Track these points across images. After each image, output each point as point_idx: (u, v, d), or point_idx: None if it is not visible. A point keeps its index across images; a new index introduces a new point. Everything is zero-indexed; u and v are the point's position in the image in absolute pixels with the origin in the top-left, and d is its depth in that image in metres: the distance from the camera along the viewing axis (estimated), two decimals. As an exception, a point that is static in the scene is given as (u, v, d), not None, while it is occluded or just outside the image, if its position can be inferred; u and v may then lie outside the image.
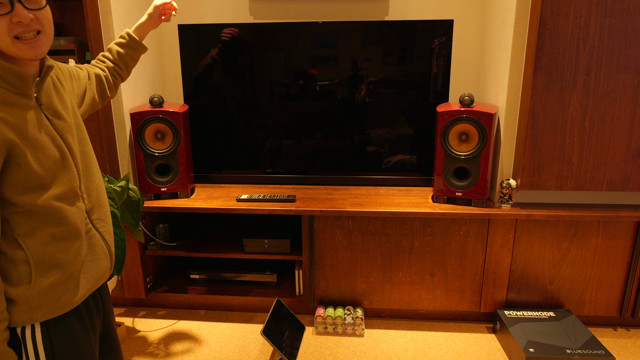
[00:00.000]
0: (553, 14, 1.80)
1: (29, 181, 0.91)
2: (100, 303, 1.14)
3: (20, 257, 0.93)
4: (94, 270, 1.07)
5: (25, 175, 0.91)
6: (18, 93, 0.92)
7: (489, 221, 2.02)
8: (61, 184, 0.97)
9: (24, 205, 0.92)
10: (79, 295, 1.02)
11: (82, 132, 1.08)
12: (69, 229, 0.99)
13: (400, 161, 2.42)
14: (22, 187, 0.91)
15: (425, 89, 2.31)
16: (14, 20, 0.88)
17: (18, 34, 0.89)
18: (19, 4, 0.88)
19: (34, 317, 0.95)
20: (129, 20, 2.16)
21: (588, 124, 1.90)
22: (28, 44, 0.90)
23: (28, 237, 0.94)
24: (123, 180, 1.79)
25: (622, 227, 1.99)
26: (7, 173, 0.89)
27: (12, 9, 0.87)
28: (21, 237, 0.93)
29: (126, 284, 2.28)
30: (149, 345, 2.05)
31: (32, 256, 0.94)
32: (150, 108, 2.11)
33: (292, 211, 2.06)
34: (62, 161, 0.98)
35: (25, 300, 0.94)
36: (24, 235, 0.93)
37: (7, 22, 0.87)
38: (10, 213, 0.92)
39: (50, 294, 0.97)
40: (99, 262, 1.08)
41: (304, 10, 2.44)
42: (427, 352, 1.99)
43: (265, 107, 2.40)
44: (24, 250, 0.93)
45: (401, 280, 2.14)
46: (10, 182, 0.90)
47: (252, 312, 2.33)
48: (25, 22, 0.89)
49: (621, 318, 2.15)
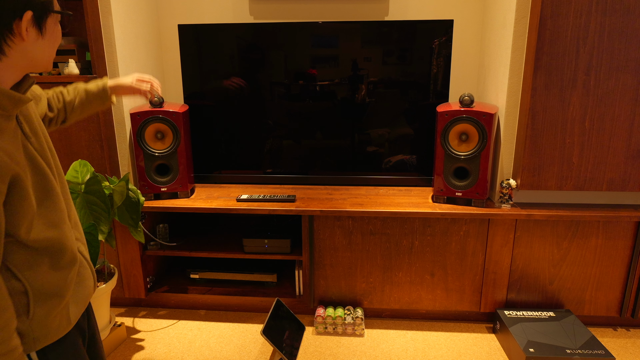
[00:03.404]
0: (553, 14, 1.80)
1: (27, 211, 0.85)
2: (85, 313, 1.11)
3: (17, 289, 0.86)
4: (83, 292, 1.02)
5: (25, 206, 0.84)
6: (4, 115, 0.82)
7: (489, 221, 2.02)
8: (50, 212, 0.90)
9: (20, 237, 0.85)
10: (74, 317, 0.99)
11: (52, 150, 0.97)
12: (68, 256, 0.94)
13: (400, 161, 2.42)
14: (21, 221, 0.85)
15: (425, 89, 2.31)
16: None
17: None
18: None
19: (35, 347, 0.90)
20: (129, 20, 2.16)
21: (588, 124, 1.90)
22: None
23: (26, 268, 0.87)
24: (123, 181, 1.79)
25: (622, 227, 1.99)
26: (8, 205, 0.83)
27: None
28: (17, 267, 0.86)
29: (126, 284, 2.28)
30: (149, 345, 2.05)
31: (31, 286, 0.88)
32: (150, 108, 2.11)
33: (292, 211, 2.06)
34: (46, 183, 0.90)
35: (27, 333, 0.88)
36: (20, 265, 0.87)
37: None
38: (6, 243, 0.85)
39: (51, 324, 0.92)
40: (86, 283, 1.04)
41: (304, 10, 2.44)
42: (427, 352, 1.99)
43: (265, 107, 2.40)
44: (20, 281, 0.87)
45: (401, 280, 2.14)
46: (11, 213, 0.83)
47: (252, 312, 2.33)
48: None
49: (621, 318, 2.15)
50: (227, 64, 2.35)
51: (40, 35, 0.86)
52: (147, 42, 2.37)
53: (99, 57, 2.01)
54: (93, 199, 1.67)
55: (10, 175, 0.80)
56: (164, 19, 2.51)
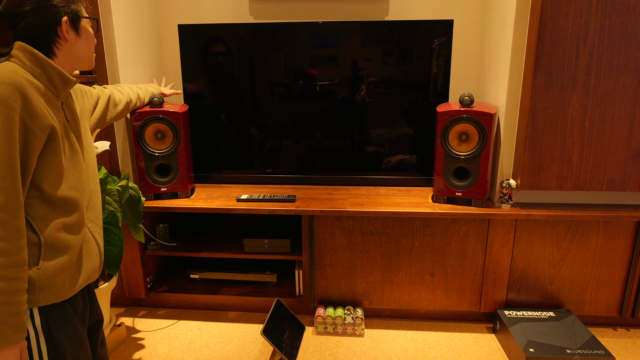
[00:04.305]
0: (553, 14, 1.80)
1: (56, 169, 1.02)
2: (88, 299, 1.21)
3: (32, 240, 1.00)
4: (88, 264, 1.14)
5: (55, 163, 1.02)
6: (54, 94, 1.05)
7: (489, 221, 2.02)
8: (74, 177, 1.09)
9: (45, 191, 1.01)
10: (77, 285, 1.10)
11: (89, 139, 1.21)
12: (79, 218, 1.09)
13: (400, 161, 2.42)
14: (50, 174, 1.01)
15: (425, 89, 2.31)
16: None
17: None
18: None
19: (37, 300, 1.00)
20: (129, 20, 2.16)
21: (588, 124, 1.90)
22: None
23: (42, 221, 1.01)
24: (124, 180, 1.79)
25: (622, 227, 1.99)
26: (42, 158, 1.00)
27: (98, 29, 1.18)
28: (36, 220, 1.00)
29: (126, 284, 2.28)
30: (149, 345, 2.05)
31: (45, 240, 1.01)
32: (150, 108, 2.11)
33: (292, 211, 2.06)
34: (75, 157, 1.10)
35: (32, 281, 0.99)
36: (38, 219, 1.01)
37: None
38: (30, 197, 0.99)
39: (56, 278, 1.03)
40: (92, 258, 1.16)
41: (304, 10, 2.44)
42: (427, 352, 1.99)
43: (265, 107, 2.40)
44: (37, 233, 1.00)
45: (401, 280, 2.14)
46: (43, 167, 1.00)
47: (252, 312, 2.33)
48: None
49: (621, 318, 2.15)
50: (227, 64, 2.35)
51: (78, 36, 1.10)
52: (147, 42, 2.37)
53: (99, 57, 2.01)
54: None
55: (50, 127, 0.99)
56: (164, 19, 2.51)
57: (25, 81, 0.97)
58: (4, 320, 0.91)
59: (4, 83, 0.93)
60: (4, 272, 0.91)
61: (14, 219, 0.93)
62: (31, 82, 0.99)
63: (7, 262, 0.91)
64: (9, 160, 0.92)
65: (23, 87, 0.95)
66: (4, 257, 0.91)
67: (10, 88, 0.93)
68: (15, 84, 0.94)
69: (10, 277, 0.92)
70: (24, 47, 1.01)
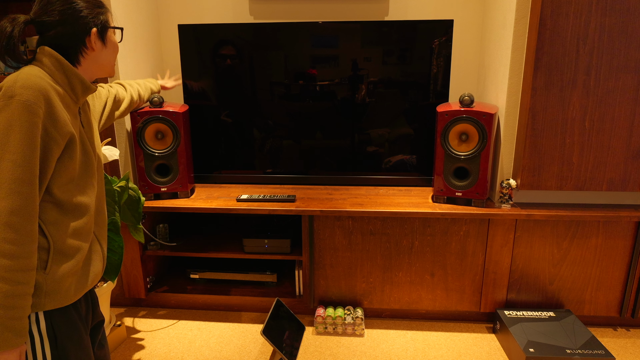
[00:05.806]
0: (553, 14, 1.80)
1: (69, 174, 1.03)
2: (90, 301, 1.21)
3: (41, 244, 1.00)
4: (93, 269, 1.15)
5: (70, 169, 1.03)
6: (74, 100, 1.07)
7: (489, 221, 2.02)
8: (85, 182, 1.10)
9: (57, 196, 1.01)
10: (83, 289, 1.10)
11: (98, 142, 1.22)
12: (87, 223, 1.09)
13: (400, 161, 2.42)
14: (63, 179, 1.02)
15: (425, 89, 2.31)
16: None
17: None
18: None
19: (43, 304, 1.00)
20: (129, 20, 2.16)
21: (588, 124, 1.90)
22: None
23: (53, 226, 1.01)
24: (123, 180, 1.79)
25: (622, 227, 1.99)
26: (59, 163, 1.00)
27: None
28: (47, 225, 1.01)
29: (126, 284, 2.28)
30: (149, 345, 2.05)
31: (54, 244, 1.01)
32: (150, 108, 2.11)
33: (292, 211, 2.06)
34: (88, 162, 1.10)
35: (39, 285, 0.99)
36: (49, 224, 1.01)
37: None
38: (42, 201, 0.99)
39: (62, 283, 1.03)
40: (97, 263, 1.16)
41: (304, 10, 2.44)
42: (427, 352, 1.99)
43: (265, 107, 2.40)
44: (46, 237, 1.00)
45: (401, 280, 2.14)
46: (57, 172, 1.00)
47: (252, 312, 2.33)
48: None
49: (621, 318, 2.15)
50: (227, 64, 2.35)
51: (104, 46, 1.12)
52: (147, 42, 2.37)
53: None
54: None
55: (70, 134, 1.01)
56: (164, 19, 2.51)
57: (49, 87, 0.98)
58: (7, 323, 0.91)
59: (30, 88, 0.93)
60: (10, 275, 0.91)
61: (27, 224, 0.93)
62: (54, 87, 1.00)
63: (15, 266, 0.91)
64: (30, 166, 0.93)
65: (48, 93, 0.96)
66: (12, 260, 0.91)
67: (36, 94, 0.94)
68: (41, 90, 0.95)
69: (16, 281, 0.92)
70: (51, 52, 1.02)
